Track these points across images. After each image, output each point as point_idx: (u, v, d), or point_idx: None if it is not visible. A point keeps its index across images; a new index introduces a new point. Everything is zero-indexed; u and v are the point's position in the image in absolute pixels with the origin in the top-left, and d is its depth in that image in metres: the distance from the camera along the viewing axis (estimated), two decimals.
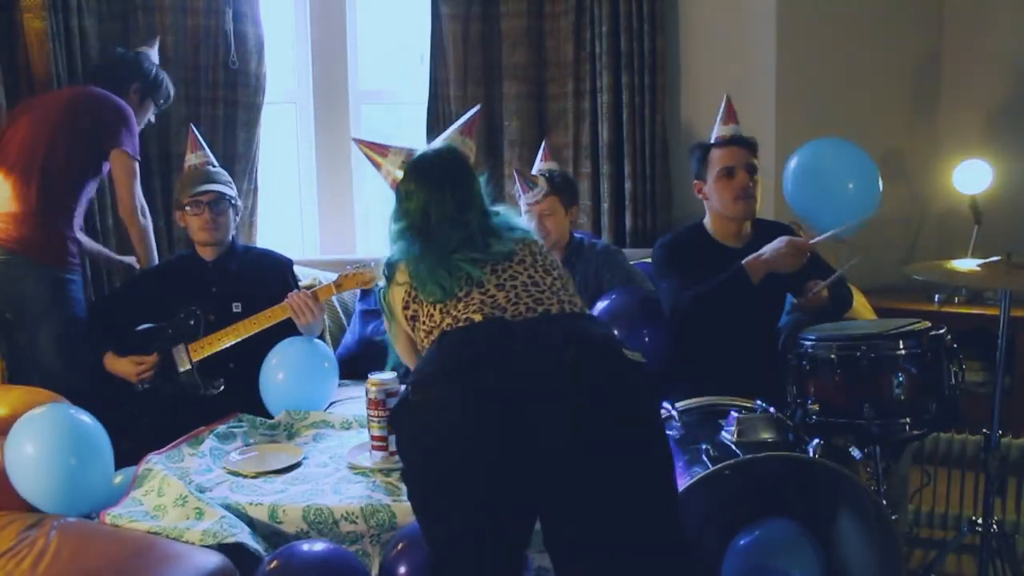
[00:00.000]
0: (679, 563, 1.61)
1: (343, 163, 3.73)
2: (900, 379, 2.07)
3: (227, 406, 2.54)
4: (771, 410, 2.08)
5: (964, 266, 2.24)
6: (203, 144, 2.82)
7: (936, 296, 3.30)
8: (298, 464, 2.23)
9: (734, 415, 2.06)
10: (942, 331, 2.15)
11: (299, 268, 3.11)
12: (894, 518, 1.96)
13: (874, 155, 3.50)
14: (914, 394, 2.08)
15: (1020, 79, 3.42)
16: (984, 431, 2.23)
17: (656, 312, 2.55)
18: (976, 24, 3.47)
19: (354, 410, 2.58)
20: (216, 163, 2.82)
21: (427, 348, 1.73)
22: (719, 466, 1.89)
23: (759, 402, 2.13)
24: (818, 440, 1.92)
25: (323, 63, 3.68)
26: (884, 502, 2.01)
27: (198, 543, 1.85)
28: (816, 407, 2.14)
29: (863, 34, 3.40)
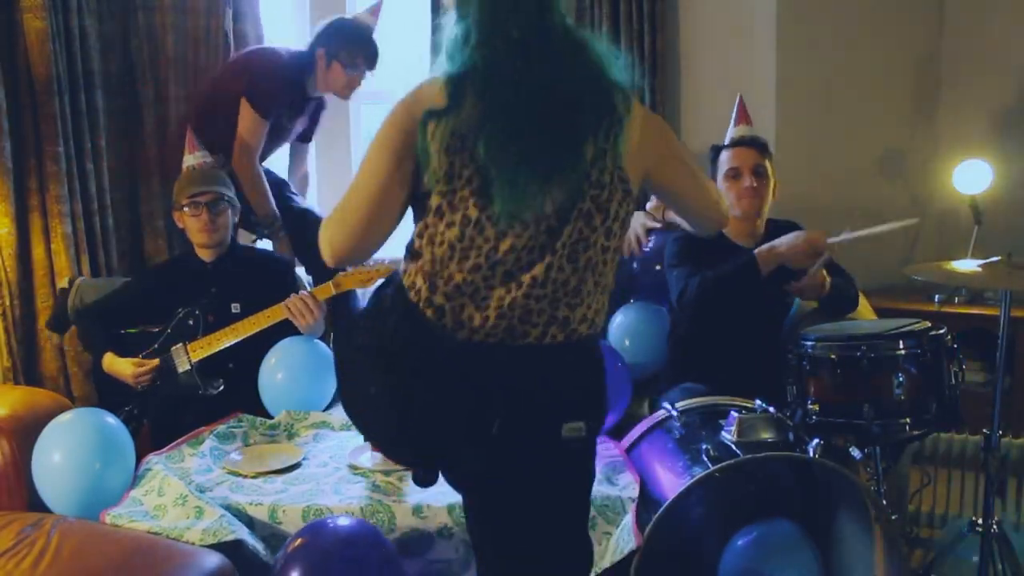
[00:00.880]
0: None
1: (343, 163, 3.73)
2: (900, 379, 2.07)
3: (227, 406, 2.54)
4: (771, 410, 2.08)
5: (964, 266, 2.24)
6: (201, 145, 2.82)
7: (936, 296, 3.29)
8: (298, 464, 2.23)
9: (734, 415, 2.06)
10: (942, 331, 2.15)
11: (301, 270, 3.12)
12: (894, 518, 1.96)
13: (874, 155, 3.52)
14: (914, 394, 2.08)
15: (1020, 79, 3.42)
16: (984, 431, 2.23)
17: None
18: (976, 24, 3.47)
19: None
20: (214, 164, 2.82)
21: (411, 307, 1.40)
22: (717, 467, 1.89)
23: (759, 402, 2.13)
24: (818, 440, 1.92)
25: None
26: (884, 502, 2.01)
27: (198, 542, 1.85)
28: (816, 407, 2.14)
29: (863, 34, 3.40)
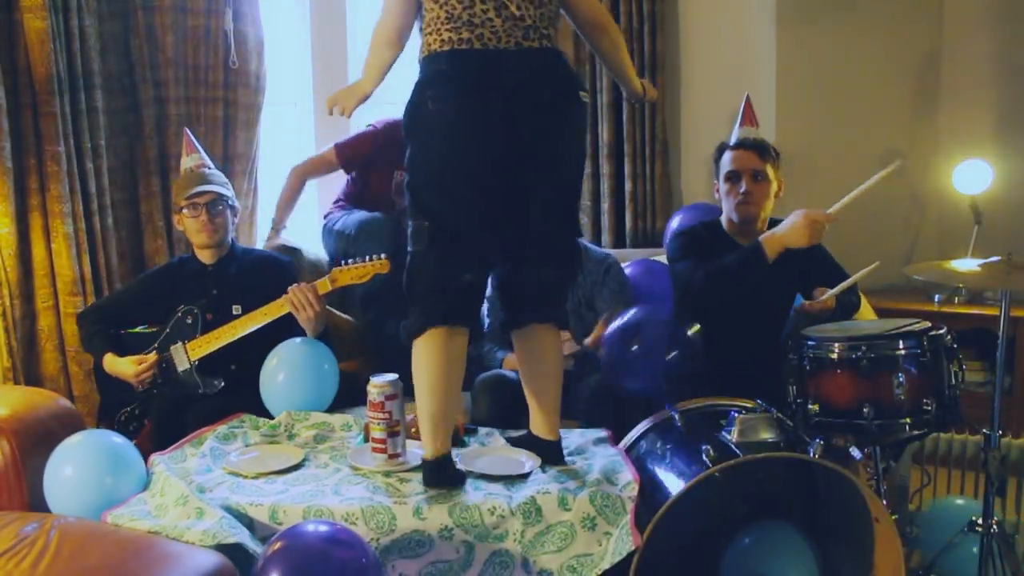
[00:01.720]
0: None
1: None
2: (900, 379, 2.07)
3: (230, 408, 2.54)
4: (771, 410, 2.08)
5: (964, 266, 2.24)
6: (199, 147, 2.82)
7: (936, 296, 3.30)
8: (299, 465, 2.23)
9: (734, 415, 2.06)
10: (942, 331, 2.15)
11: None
12: (894, 518, 1.96)
13: (874, 155, 3.51)
14: (914, 394, 2.08)
15: (1020, 79, 3.42)
16: (984, 431, 2.23)
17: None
18: (976, 24, 3.47)
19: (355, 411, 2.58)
20: (212, 165, 2.82)
21: (435, 55, 2.01)
22: (717, 467, 1.89)
23: (759, 402, 2.13)
24: (818, 440, 1.92)
25: (323, 63, 3.68)
26: (884, 502, 2.01)
27: (198, 543, 1.85)
28: (816, 407, 2.14)
29: (863, 34, 3.40)
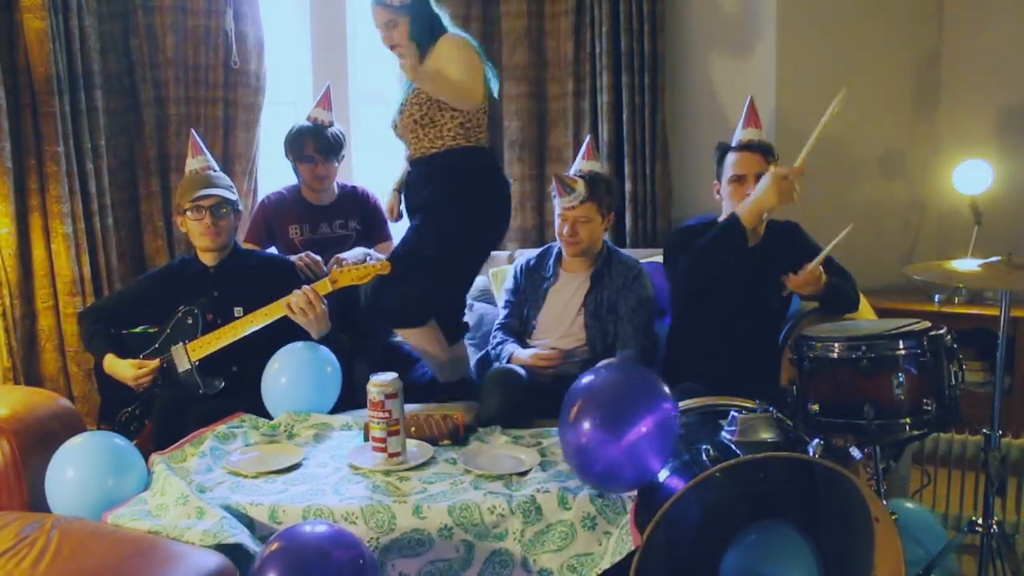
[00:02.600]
0: None
1: (343, 163, 3.72)
2: (900, 379, 2.07)
3: (231, 408, 2.53)
4: (771, 410, 2.08)
5: (964, 266, 2.24)
6: (204, 149, 2.82)
7: (936, 296, 3.30)
8: (298, 464, 2.23)
9: (734, 415, 2.06)
10: (942, 331, 2.15)
11: None
12: (894, 518, 1.96)
13: (874, 155, 3.52)
14: (914, 394, 2.08)
15: (1020, 79, 3.42)
16: (984, 431, 2.23)
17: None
18: (976, 24, 3.47)
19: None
20: (217, 167, 2.82)
21: (480, 150, 2.70)
22: (717, 467, 1.88)
23: (759, 402, 2.12)
24: (818, 440, 1.92)
25: (323, 63, 3.68)
26: (884, 502, 2.01)
27: (198, 543, 1.85)
28: (816, 407, 2.14)
29: (863, 34, 3.40)
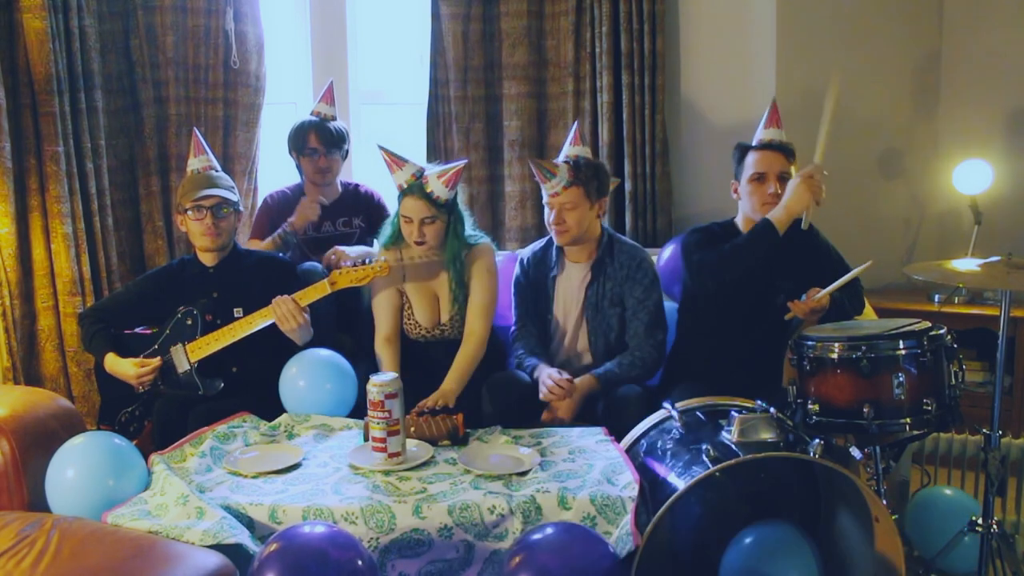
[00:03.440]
0: None
1: (344, 164, 3.72)
2: (900, 379, 2.07)
3: (230, 409, 2.52)
4: (771, 410, 2.08)
5: (964, 266, 2.24)
6: (207, 148, 2.81)
7: (936, 296, 3.30)
8: (298, 464, 2.23)
9: (734, 415, 2.06)
10: (942, 331, 2.15)
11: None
12: (894, 518, 1.96)
13: (874, 155, 3.52)
14: (914, 394, 2.08)
15: (1020, 79, 3.42)
16: (984, 431, 2.23)
17: None
18: (976, 24, 3.47)
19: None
20: (219, 167, 2.82)
21: None
22: (717, 467, 1.89)
23: (759, 402, 2.13)
24: (818, 440, 1.92)
25: (323, 63, 3.68)
26: (884, 502, 2.01)
27: (198, 543, 1.85)
28: (816, 407, 2.14)
29: (863, 34, 3.40)
